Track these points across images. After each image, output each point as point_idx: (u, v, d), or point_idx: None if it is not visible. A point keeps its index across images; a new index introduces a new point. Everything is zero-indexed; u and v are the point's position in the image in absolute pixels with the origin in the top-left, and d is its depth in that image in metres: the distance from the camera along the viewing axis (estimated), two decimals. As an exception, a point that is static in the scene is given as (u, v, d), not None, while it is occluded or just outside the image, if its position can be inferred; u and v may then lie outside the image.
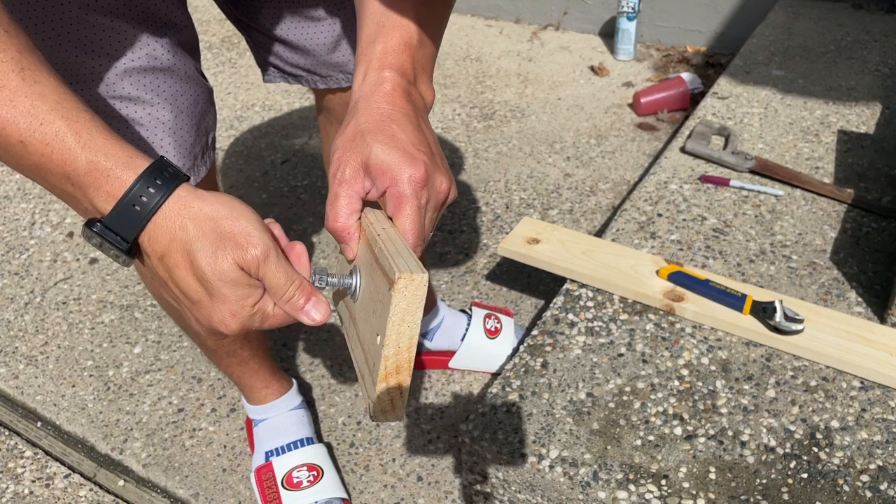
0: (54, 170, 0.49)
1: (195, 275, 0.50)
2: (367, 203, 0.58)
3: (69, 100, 0.50)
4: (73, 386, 1.36)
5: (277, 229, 0.55)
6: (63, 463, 1.24)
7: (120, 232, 0.50)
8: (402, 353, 0.48)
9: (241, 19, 0.94)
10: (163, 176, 0.50)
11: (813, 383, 0.98)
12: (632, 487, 0.87)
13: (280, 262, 0.52)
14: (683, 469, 0.89)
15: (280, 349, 1.40)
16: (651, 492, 0.86)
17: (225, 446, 1.23)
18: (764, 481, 0.87)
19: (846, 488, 0.85)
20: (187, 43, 0.80)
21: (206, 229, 0.50)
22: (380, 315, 0.49)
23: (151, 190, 0.49)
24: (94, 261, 1.66)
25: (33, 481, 1.21)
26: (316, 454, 1.14)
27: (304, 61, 0.95)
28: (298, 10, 0.90)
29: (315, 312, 0.53)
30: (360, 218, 0.57)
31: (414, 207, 0.55)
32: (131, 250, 0.51)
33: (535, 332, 1.08)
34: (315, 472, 1.11)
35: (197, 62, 0.83)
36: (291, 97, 2.24)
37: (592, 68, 2.26)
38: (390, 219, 0.56)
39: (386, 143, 0.55)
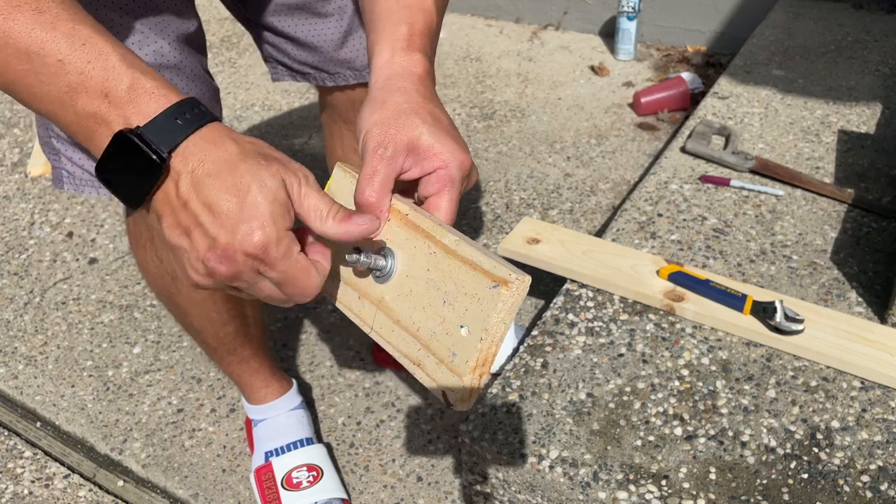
0: (92, 87, 0.48)
1: (232, 184, 0.47)
2: (398, 183, 0.58)
3: (105, 31, 0.50)
4: (73, 386, 1.36)
5: None
6: (62, 463, 1.24)
7: (155, 142, 0.47)
8: (493, 346, 0.50)
9: (248, 17, 0.94)
10: (202, 108, 0.50)
11: (813, 383, 0.98)
12: (632, 488, 0.87)
13: (318, 186, 0.52)
14: (684, 469, 0.88)
15: (280, 349, 1.40)
16: (651, 492, 0.86)
17: (224, 446, 1.23)
18: (764, 481, 0.87)
19: (846, 489, 0.85)
20: (195, 41, 0.80)
21: (250, 149, 0.49)
22: (466, 309, 0.50)
23: (197, 111, 0.49)
24: (93, 261, 1.65)
25: (33, 481, 1.20)
26: (316, 454, 1.14)
27: (312, 58, 0.95)
28: (306, 7, 0.90)
29: (361, 220, 0.52)
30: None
31: (457, 192, 0.57)
32: (161, 168, 0.47)
33: (535, 332, 1.08)
34: (315, 473, 1.11)
35: (203, 61, 0.83)
36: (291, 97, 2.24)
37: (592, 68, 2.25)
38: (412, 202, 0.57)
39: (434, 126, 0.57)
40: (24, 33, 0.47)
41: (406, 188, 0.59)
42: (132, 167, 0.47)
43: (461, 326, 0.51)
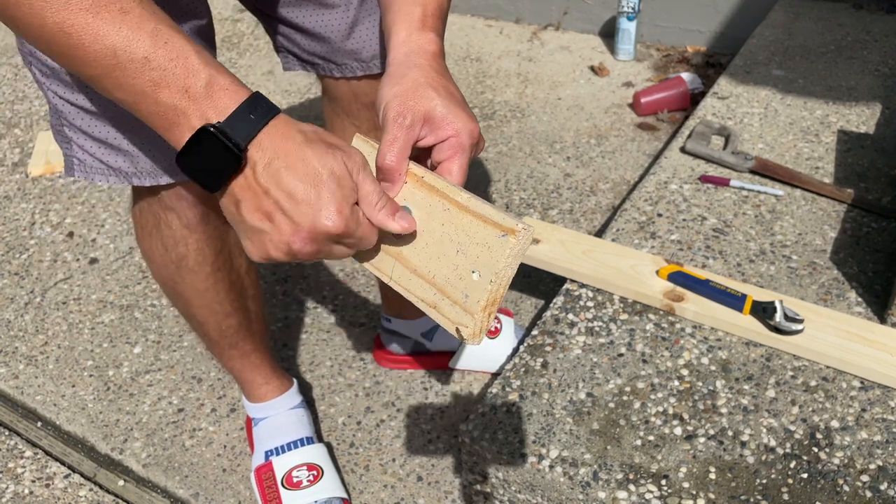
0: (174, 83, 0.53)
1: (306, 173, 0.54)
2: (414, 150, 0.64)
3: (180, 30, 0.55)
4: (73, 386, 1.36)
5: None
6: (63, 463, 1.24)
7: (234, 136, 0.53)
8: (500, 289, 0.57)
9: (259, 8, 0.96)
10: (268, 101, 0.56)
11: (813, 383, 0.98)
12: (632, 487, 0.87)
13: (371, 173, 0.59)
14: (683, 469, 0.89)
15: (280, 349, 1.41)
16: (651, 492, 0.86)
17: (225, 446, 1.23)
18: (764, 481, 0.87)
19: (846, 488, 0.85)
20: (206, 34, 0.81)
21: (314, 137, 0.56)
22: (477, 256, 0.57)
23: (265, 105, 0.55)
24: (94, 261, 1.66)
25: (33, 481, 1.21)
26: (316, 454, 1.14)
27: (320, 48, 0.97)
28: None
29: (403, 220, 0.60)
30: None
31: (467, 157, 0.64)
32: (240, 158, 0.54)
33: (535, 332, 1.08)
34: (315, 472, 1.11)
35: (214, 54, 0.84)
36: (291, 97, 2.24)
37: (592, 68, 2.25)
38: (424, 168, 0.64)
39: (447, 99, 0.63)
40: (112, 32, 0.51)
41: (420, 154, 0.65)
42: (213, 158, 0.54)
43: (473, 272, 0.58)
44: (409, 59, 0.65)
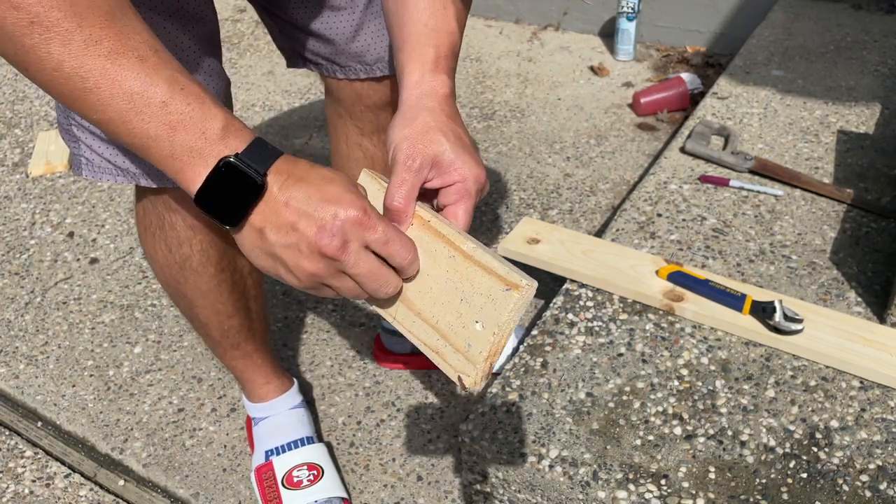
0: (192, 126, 0.55)
1: (319, 176, 0.57)
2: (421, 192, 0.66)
3: (194, 77, 0.58)
4: (74, 386, 1.37)
5: None
6: (63, 463, 1.24)
7: (254, 164, 0.56)
8: (503, 339, 0.58)
9: (265, 6, 0.96)
10: (271, 144, 0.59)
11: (812, 383, 0.98)
12: (631, 487, 0.87)
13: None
14: (683, 469, 0.89)
15: (280, 349, 1.41)
16: (651, 491, 0.87)
17: (225, 446, 1.24)
18: (763, 481, 0.87)
19: (846, 488, 0.85)
20: (212, 37, 0.82)
21: (316, 165, 0.59)
22: (481, 307, 0.58)
23: (269, 146, 0.58)
24: (94, 261, 1.66)
25: (33, 481, 1.21)
26: (316, 453, 1.14)
27: (325, 49, 0.97)
28: None
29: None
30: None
31: (472, 203, 0.65)
32: (263, 184, 0.56)
33: (535, 332, 1.08)
34: (315, 472, 1.11)
35: (219, 56, 0.84)
36: (291, 97, 2.24)
37: (592, 68, 2.26)
38: (432, 209, 0.65)
39: (456, 144, 0.65)
40: (129, 77, 0.53)
41: (427, 194, 0.66)
42: (235, 189, 0.56)
43: (476, 322, 0.58)
44: (421, 101, 0.67)
